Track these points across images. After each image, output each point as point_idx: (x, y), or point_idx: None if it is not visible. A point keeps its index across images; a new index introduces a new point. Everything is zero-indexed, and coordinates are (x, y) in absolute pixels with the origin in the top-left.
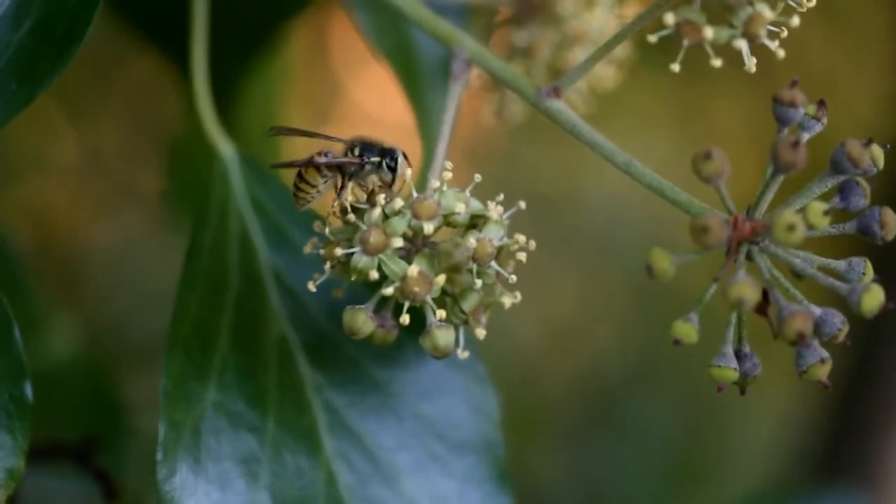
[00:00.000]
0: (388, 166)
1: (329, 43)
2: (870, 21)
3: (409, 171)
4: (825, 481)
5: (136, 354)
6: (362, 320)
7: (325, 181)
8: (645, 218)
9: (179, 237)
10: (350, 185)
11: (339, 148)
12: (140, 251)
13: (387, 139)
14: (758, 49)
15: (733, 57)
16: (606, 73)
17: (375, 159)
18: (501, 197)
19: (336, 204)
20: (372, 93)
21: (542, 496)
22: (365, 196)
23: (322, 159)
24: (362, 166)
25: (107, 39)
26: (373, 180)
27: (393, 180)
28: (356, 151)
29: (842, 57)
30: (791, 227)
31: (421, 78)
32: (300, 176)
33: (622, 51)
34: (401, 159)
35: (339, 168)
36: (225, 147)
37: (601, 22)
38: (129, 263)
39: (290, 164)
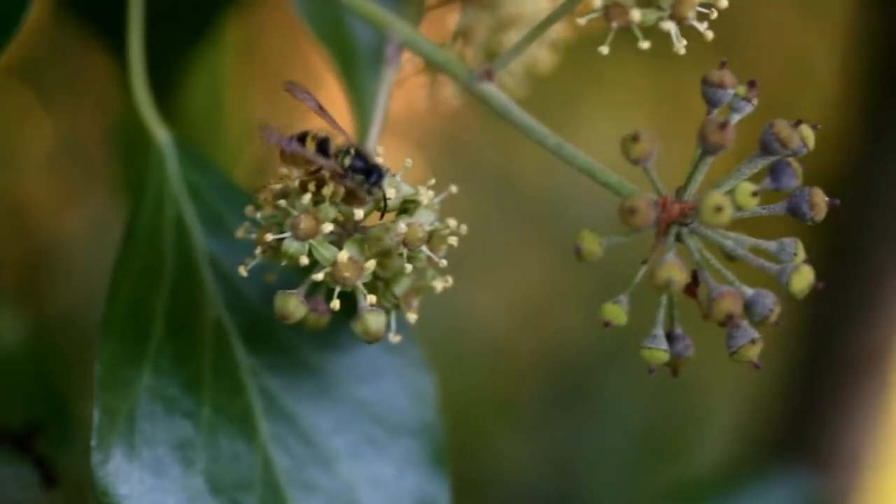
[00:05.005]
0: (368, 189)
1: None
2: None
3: (388, 192)
4: (780, 461)
5: (90, 344)
6: (294, 305)
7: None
8: (611, 197)
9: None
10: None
11: (339, 140)
12: (93, 242)
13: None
14: (731, 33)
15: (702, 40)
16: (542, 56)
17: (359, 178)
18: (433, 181)
19: (267, 189)
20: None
21: (510, 475)
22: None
23: (301, 152)
24: (343, 177)
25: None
26: (342, 191)
27: (368, 201)
28: (345, 162)
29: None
30: (718, 209)
31: (355, 62)
32: (282, 153)
33: (556, 33)
34: (385, 186)
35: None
36: (160, 132)
37: (536, 5)
38: (82, 254)
39: (277, 137)
